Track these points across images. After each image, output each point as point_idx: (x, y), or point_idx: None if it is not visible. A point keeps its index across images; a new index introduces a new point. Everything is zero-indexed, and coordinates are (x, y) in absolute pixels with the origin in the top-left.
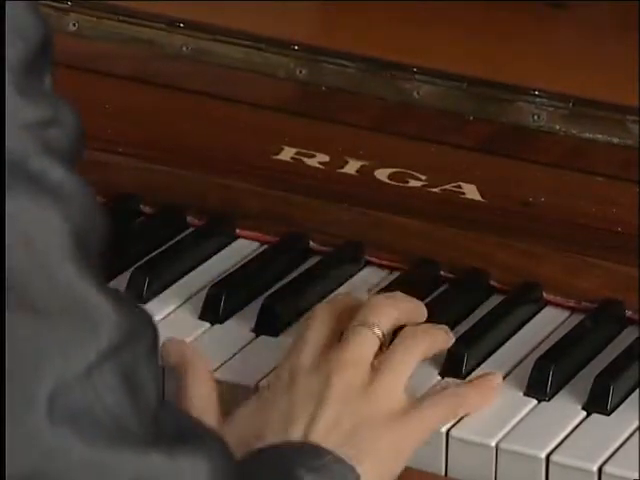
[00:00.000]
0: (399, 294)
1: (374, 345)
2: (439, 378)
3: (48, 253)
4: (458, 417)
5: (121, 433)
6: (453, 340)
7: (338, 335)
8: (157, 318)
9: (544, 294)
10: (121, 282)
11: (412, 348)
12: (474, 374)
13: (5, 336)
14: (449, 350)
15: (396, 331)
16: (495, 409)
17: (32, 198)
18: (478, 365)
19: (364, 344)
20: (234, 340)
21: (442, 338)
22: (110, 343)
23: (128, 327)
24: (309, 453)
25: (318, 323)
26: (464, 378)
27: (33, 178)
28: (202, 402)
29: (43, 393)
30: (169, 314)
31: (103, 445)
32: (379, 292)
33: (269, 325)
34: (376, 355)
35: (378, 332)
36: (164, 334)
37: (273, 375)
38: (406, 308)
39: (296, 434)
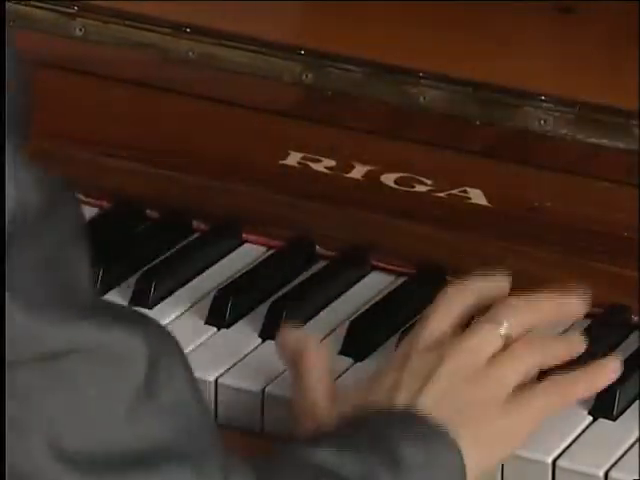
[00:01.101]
0: (542, 296)
1: (496, 343)
2: None
3: None
4: (570, 403)
5: (53, 305)
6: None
7: (463, 324)
8: (163, 323)
9: None
10: (127, 288)
11: (535, 349)
12: None
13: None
14: None
15: None
16: None
17: None
18: None
19: (485, 339)
20: (240, 345)
21: (573, 347)
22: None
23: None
24: (409, 420)
25: (445, 308)
26: None
27: None
28: (317, 392)
29: None
30: (175, 319)
31: (36, 314)
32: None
33: (275, 330)
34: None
35: (504, 332)
36: None
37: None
38: (546, 312)
39: (400, 405)
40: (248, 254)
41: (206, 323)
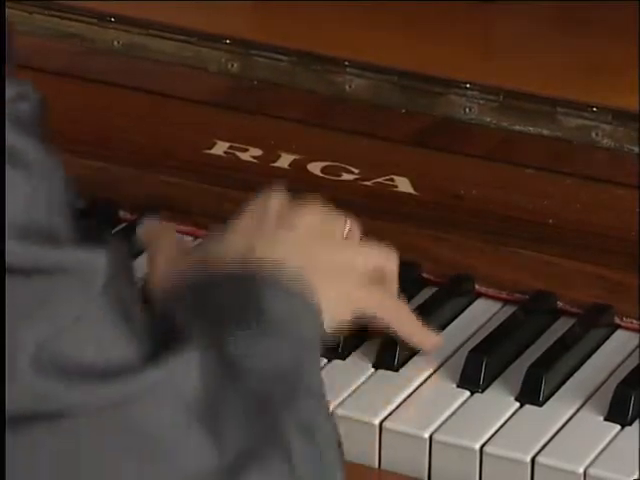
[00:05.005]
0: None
1: (345, 226)
2: (373, 370)
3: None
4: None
5: (119, 366)
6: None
7: None
8: None
9: (476, 286)
10: None
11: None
12: (407, 367)
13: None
14: (381, 344)
15: None
16: (428, 401)
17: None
18: (410, 358)
19: (335, 220)
20: None
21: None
22: (95, 288)
23: (109, 267)
24: (273, 273)
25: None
26: (397, 370)
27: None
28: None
29: (30, 343)
30: None
31: (97, 382)
32: None
33: None
34: None
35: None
36: None
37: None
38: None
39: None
40: None
41: None
